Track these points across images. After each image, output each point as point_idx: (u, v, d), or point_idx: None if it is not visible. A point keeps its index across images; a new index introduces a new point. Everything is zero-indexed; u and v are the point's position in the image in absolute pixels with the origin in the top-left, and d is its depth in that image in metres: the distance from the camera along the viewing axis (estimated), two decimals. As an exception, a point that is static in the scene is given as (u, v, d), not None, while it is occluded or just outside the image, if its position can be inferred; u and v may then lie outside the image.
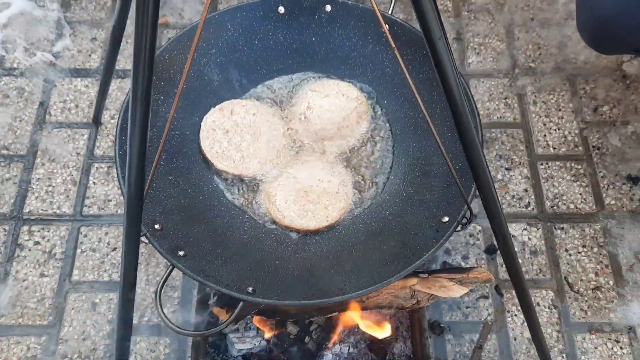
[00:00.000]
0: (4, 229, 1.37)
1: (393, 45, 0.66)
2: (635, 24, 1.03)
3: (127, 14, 1.04)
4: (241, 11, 1.06)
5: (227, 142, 1.02)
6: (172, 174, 0.99)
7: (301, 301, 0.81)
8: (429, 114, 0.94)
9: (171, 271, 0.88)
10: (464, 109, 0.60)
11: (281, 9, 1.07)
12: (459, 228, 0.82)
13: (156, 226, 0.88)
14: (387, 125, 1.05)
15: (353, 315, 1.09)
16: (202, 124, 1.05)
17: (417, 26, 0.59)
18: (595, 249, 1.35)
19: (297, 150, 1.06)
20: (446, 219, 0.85)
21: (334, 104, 1.04)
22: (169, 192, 0.96)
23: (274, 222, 1.00)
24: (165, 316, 0.81)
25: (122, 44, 1.15)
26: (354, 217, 0.98)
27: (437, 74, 0.58)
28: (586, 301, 1.30)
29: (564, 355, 1.24)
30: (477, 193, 0.71)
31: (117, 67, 1.52)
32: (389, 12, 1.05)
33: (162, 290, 1.27)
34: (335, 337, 1.14)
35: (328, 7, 1.06)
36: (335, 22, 1.07)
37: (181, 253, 0.86)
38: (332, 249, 0.93)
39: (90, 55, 1.61)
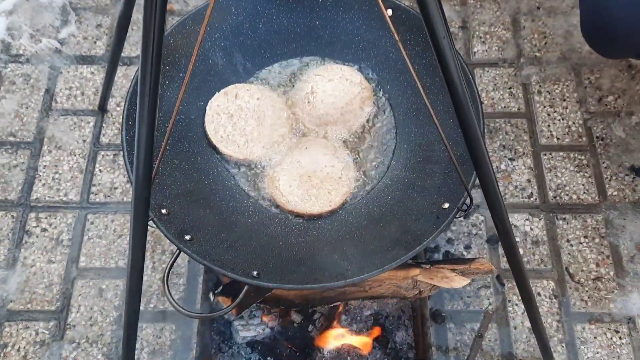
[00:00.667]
0: (12, 215, 1.39)
1: (394, 31, 0.66)
2: (638, 28, 1.03)
3: (133, 3, 1.04)
4: None
5: (231, 127, 1.03)
6: (178, 158, 1.00)
7: (304, 285, 0.82)
8: (431, 100, 0.94)
9: (178, 255, 0.89)
10: (465, 101, 0.60)
11: None
12: (458, 215, 0.83)
13: (163, 211, 0.89)
14: (390, 110, 1.05)
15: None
16: (207, 108, 1.05)
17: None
18: (597, 240, 1.36)
19: (300, 135, 1.07)
20: (447, 205, 0.86)
21: (338, 88, 1.05)
22: (174, 176, 0.97)
23: (277, 206, 1.01)
24: (173, 298, 0.83)
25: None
26: (357, 201, 0.99)
27: (439, 65, 0.58)
28: (586, 291, 1.31)
29: (563, 344, 1.26)
30: (478, 182, 0.72)
31: (122, 55, 1.52)
32: None
33: (169, 277, 1.30)
34: (337, 326, 1.16)
35: None
36: (339, 6, 1.07)
37: (187, 237, 0.87)
38: (335, 233, 0.95)
39: (95, 42, 1.61)
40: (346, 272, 0.82)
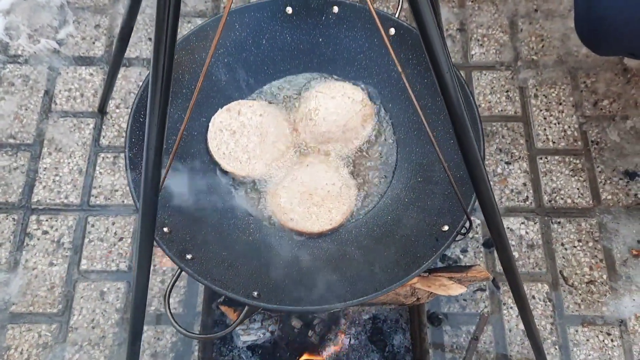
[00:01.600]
0: (13, 218, 1.40)
1: (391, 50, 0.67)
2: (630, 26, 1.05)
3: (136, 14, 1.05)
4: (249, 11, 1.07)
5: (234, 143, 1.04)
6: (180, 175, 1.01)
7: (304, 307, 0.84)
8: (432, 120, 0.96)
9: (179, 275, 0.91)
10: (467, 127, 0.62)
11: (289, 10, 1.07)
12: (458, 238, 0.85)
13: (165, 229, 0.90)
14: (392, 129, 1.07)
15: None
16: (210, 124, 1.06)
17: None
18: (591, 244, 1.39)
19: (302, 152, 1.08)
20: (446, 228, 0.87)
21: (340, 106, 1.06)
22: (176, 194, 0.98)
23: (279, 224, 1.02)
24: (176, 321, 0.84)
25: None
26: (357, 220, 1.01)
27: (439, 90, 0.59)
28: (580, 294, 1.34)
29: (556, 347, 1.29)
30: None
31: (121, 56, 1.52)
32: (396, 15, 1.05)
33: (165, 280, 1.31)
34: (336, 331, 1.18)
35: (335, 9, 1.07)
36: (342, 23, 1.08)
37: (189, 257, 0.88)
38: (335, 253, 0.96)
39: (94, 43, 1.61)
40: (345, 294, 0.83)
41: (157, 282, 1.33)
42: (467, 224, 0.82)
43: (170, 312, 0.84)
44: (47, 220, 1.40)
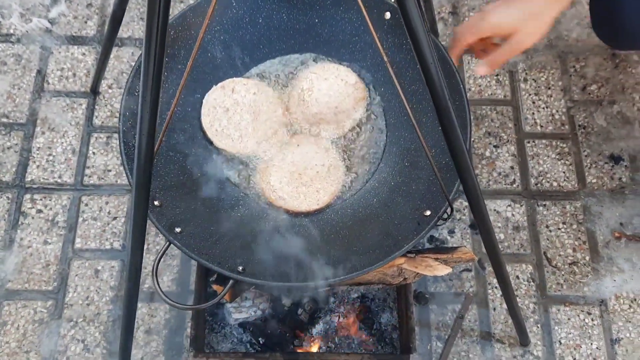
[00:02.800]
0: (7, 197, 1.41)
1: (375, 36, 0.69)
2: None
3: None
4: None
5: (227, 121, 1.05)
6: (172, 150, 1.02)
7: (286, 283, 0.87)
8: (422, 106, 0.98)
9: (167, 247, 0.92)
10: (450, 112, 0.64)
11: None
12: (439, 223, 0.87)
13: (155, 202, 0.91)
14: (383, 113, 1.08)
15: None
16: (204, 101, 1.07)
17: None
18: (575, 226, 1.42)
19: (293, 132, 1.09)
20: (428, 212, 0.90)
21: (333, 88, 1.07)
22: (168, 168, 1.00)
23: (267, 201, 1.05)
24: (162, 291, 0.85)
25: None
26: (343, 201, 1.03)
27: (424, 81, 0.61)
28: (563, 275, 1.38)
29: (538, 325, 1.33)
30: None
31: (114, 36, 1.52)
32: None
33: (160, 262, 1.34)
34: (325, 309, 1.22)
35: None
36: (339, 5, 1.08)
37: (178, 230, 0.90)
38: (320, 232, 0.98)
39: (86, 22, 1.61)
40: (327, 272, 0.86)
41: (149, 261, 1.36)
42: (449, 210, 0.85)
43: (157, 282, 0.86)
44: (41, 200, 1.42)
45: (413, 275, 1.13)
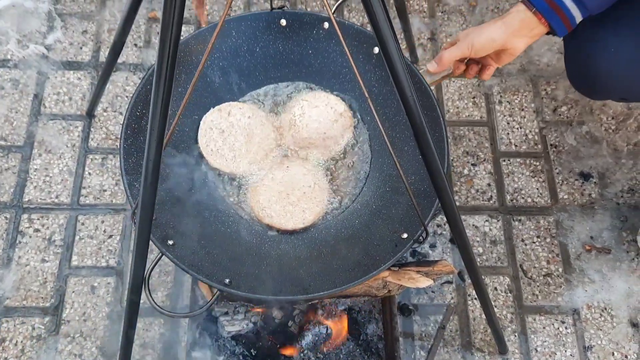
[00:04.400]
0: (5, 217, 1.46)
1: (355, 69, 0.77)
2: (624, 80, 1.17)
3: (130, 27, 1.12)
4: (246, 20, 1.15)
5: (222, 142, 1.12)
6: (169, 167, 1.09)
7: (269, 296, 0.93)
8: (405, 136, 1.06)
9: (160, 258, 0.98)
10: (428, 140, 0.71)
11: (283, 22, 1.15)
12: (415, 245, 0.95)
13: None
14: (368, 140, 1.16)
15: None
16: (201, 122, 1.14)
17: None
18: (548, 239, 1.51)
19: (284, 155, 1.17)
20: (405, 235, 0.97)
21: (322, 115, 1.15)
22: (164, 184, 1.06)
23: (256, 219, 1.11)
24: (152, 298, 0.91)
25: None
26: (327, 222, 1.10)
27: (404, 112, 0.69)
28: (538, 286, 1.46)
29: (516, 334, 1.40)
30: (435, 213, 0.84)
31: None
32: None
33: (153, 274, 1.39)
34: (315, 321, 1.28)
35: (326, 24, 1.15)
36: (331, 38, 1.16)
37: (170, 242, 0.96)
38: (304, 249, 1.05)
39: (81, 48, 1.68)
40: (309, 288, 0.93)
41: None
42: (424, 234, 0.92)
43: (149, 290, 0.91)
44: (38, 219, 1.47)
45: (397, 288, 1.20)
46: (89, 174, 1.52)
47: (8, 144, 1.54)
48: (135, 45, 1.70)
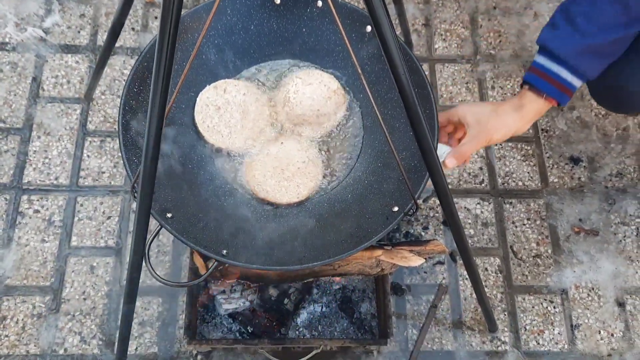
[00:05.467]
0: (5, 198, 1.48)
1: (349, 48, 0.79)
2: None
3: (129, 10, 1.14)
4: None
5: (217, 118, 1.15)
6: (167, 142, 1.10)
7: (265, 266, 0.96)
8: (397, 113, 1.09)
9: (159, 231, 1.00)
10: (419, 117, 0.74)
11: (277, 0, 1.18)
12: (404, 218, 0.98)
13: None
14: (361, 117, 1.19)
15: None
16: (197, 99, 1.16)
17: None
18: (538, 222, 1.54)
19: (278, 131, 1.19)
20: (396, 208, 1.00)
21: (316, 92, 1.17)
22: (163, 159, 1.07)
23: (251, 193, 1.14)
24: (152, 268, 0.94)
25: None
26: (321, 196, 1.13)
27: (397, 89, 0.71)
28: (527, 267, 1.49)
29: (506, 313, 1.44)
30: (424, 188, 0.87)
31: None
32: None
33: (151, 254, 1.42)
34: (309, 299, 1.31)
35: (320, 3, 1.16)
36: (325, 17, 1.18)
37: (169, 215, 0.98)
38: (299, 223, 1.08)
39: (79, 32, 1.69)
40: (303, 259, 0.96)
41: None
42: (414, 207, 0.95)
43: (148, 259, 0.94)
44: (38, 200, 1.49)
45: (390, 266, 1.23)
46: (88, 156, 1.55)
47: (7, 126, 1.56)
48: (133, 29, 1.71)
